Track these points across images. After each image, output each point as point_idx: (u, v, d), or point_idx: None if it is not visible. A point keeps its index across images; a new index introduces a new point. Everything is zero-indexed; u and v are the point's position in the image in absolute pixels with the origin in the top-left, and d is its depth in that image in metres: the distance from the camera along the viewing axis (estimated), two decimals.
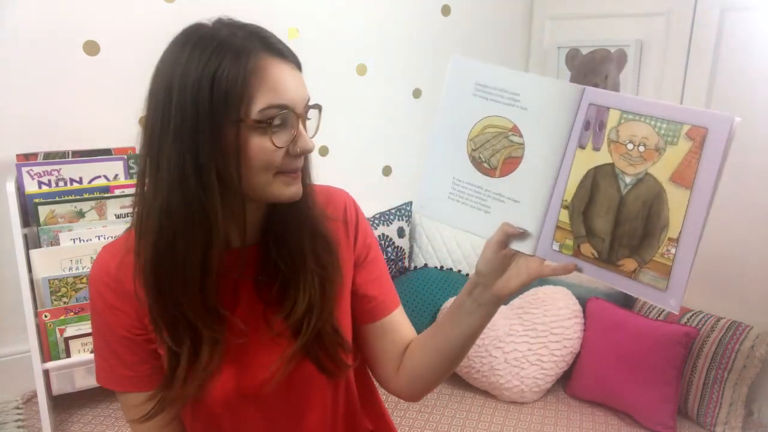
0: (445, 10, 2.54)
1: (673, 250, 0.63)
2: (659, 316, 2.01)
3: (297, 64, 0.73)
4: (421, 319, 2.13)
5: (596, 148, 0.67)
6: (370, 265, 0.89)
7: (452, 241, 2.41)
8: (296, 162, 0.73)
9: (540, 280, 2.24)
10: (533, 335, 2.03)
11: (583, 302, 2.11)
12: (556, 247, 0.71)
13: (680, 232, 0.62)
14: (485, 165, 0.74)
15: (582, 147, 0.68)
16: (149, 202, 0.71)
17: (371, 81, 2.45)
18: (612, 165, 0.66)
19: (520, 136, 0.72)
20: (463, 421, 1.95)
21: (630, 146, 0.65)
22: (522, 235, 0.72)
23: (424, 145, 2.56)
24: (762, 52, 1.85)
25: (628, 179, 0.65)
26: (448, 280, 2.27)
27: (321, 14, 2.28)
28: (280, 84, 0.69)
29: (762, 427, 1.89)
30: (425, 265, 2.43)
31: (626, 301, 2.13)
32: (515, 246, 0.73)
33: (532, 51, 2.73)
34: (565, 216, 0.69)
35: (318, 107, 0.76)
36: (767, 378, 1.88)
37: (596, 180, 0.67)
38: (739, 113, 0.60)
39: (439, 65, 2.57)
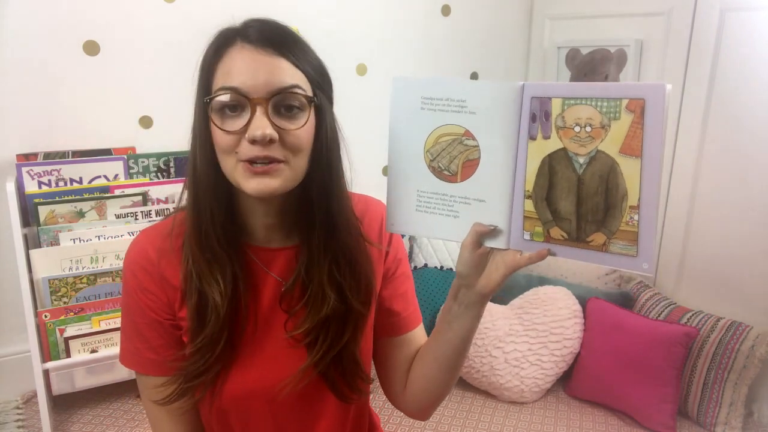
0: (445, 10, 2.54)
1: (636, 217, 0.66)
2: (659, 316, 2.01)
3: (276, 51, 0.70)
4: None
5: (546, 137, 0.70)
6: (397, 279, 0.89)
7: (452, 241, 2.41)
8: (252, 150, 0.69)
9: (540, 279, 2.24)
10: (533, 335, 2.03)
11: (583, 302, 2.11)
12: (527, 236, 0.73)
13: (639, 199, 0.65)
14: (446, 172, 0.77)
15: (533, 138, 0.71)
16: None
17: (371, 81, 2.45)
18: (564, 149, 0.69)
19: (474, 139, 0.74)
20: (463, 421, 1.95)
21: (577, 129, 0.68)
22: (493, 231, 0.75)
23: None
24: (762, 52, 1.85)
25: (581, 159, 0.68)
26: (448, 280, 2.27)
27: (321, 14, 2.28)
28: (233, 67, 0.69)
29: (762, 427, 1.89)
30: (425, 265, 2.43)
31: (626, 301, 2.13)
32: (489, 243, 0.75)
33: (532, 51, 2.73)
34: (530, 205, 0.72)
35: (306, 101, 0.72)
36: (767, 378, 1.88)
37: (552, 166, 0.70)
38: (738, 113, 0.61)
39: (439, 65, 2.57)
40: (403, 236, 0.95)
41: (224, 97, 0.69)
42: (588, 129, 0.67)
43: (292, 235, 0.81)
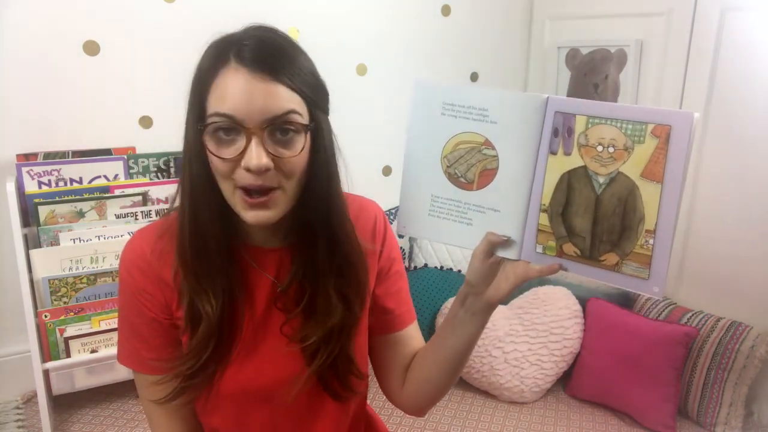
0: (445, 10, 2.54)
1: (651, 241, 0.67)
2: (659, 316, 2.01)
3: (272, 75, 0.68)
4: (421, 319, 2.13)
5: (567, 153, 0.70)
6: (392, 278, 0.89)
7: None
8: (247, 177, 0.68)
9: (540, 280, 2.24)
10: (533, 335, 2.03)
11: (583, 302, 2.11)
12: (539, 249, 0.73)
13: (656, 224, 0.66)
14: (462, 180, 0.77)
15: (553, 153, 0.71)
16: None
17: (371, 81, 2.45)
18: (584, 167, 0.69)
19: (493, 148, 0.74)
20: (463, 421, 1.95)
21: (600, 148, 0.68)
22: (506, 242, 0.75)
23: None
24: (762, 52, 1.85)
25: (601, 179, 0.69)
26: (448, 280, 2.27)
27: (321, 14, 2.28)
28: (227, 93, 0.67)
29: (762, 427, 1.89)
30: (425, 265, 2.43)
31: (626, 301, 2.13)
32: (501, 253, 0.75)
33: (532, 51, 2.73)
34: (545, 219, 0.72)
35: (302, 126, 0.70)
36: (767, 378, 1.88)
37: (571, 183, 0.70)
38: (738, 113, 0.61)
39: (439, 65, 2.57)
40: (401, 236, 0.95)
41: (219, 124, 0.68)
42: (611, 150, 0.67)
43: (288, 236, 0.81)
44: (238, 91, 0.67)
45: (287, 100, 0.69)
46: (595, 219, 0.69)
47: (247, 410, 0.82)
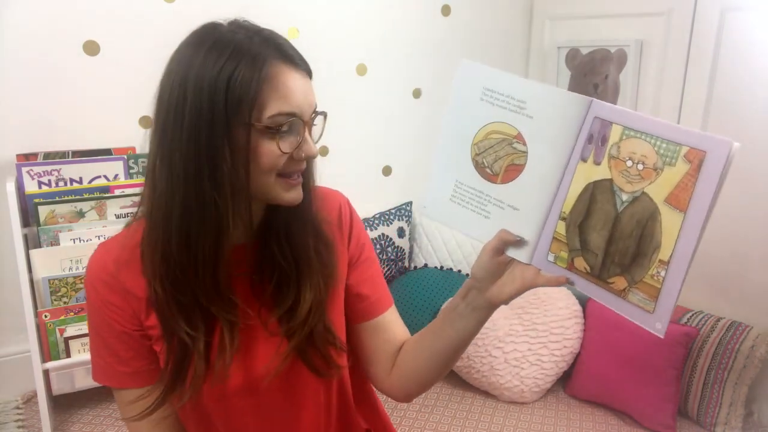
0: (445, 10, 2.54)
1: (663, 273, 0.63)
2: None
3: (308, 72, 0.75)
4: (421, 319, 2.13)
5: (597, 162, 0.67)
6: (363, 264, 0.90)
7: (452, 241, 2.41)
8: (298, 165, 0.75)
9: None
10: (533, 335, 2.03)
11: (583, 302, 2.11)
12: (551, 258, 0.71)
13: (671, 256, 0.62)
14: (488, 170, 0.75)
15: (584, 160, 0.68)
16: (162, 198, 0.72)
17: (371, 81, 2.45)
18: (610, 181, 0.66)
19: (524, 144, 0.72)
20: (463, 421, 1.95)
21: (629, 163, 0.65)
22: (519, 242, 0.72)
23: (424, 145, 2.56)
24: (762, 52, 1.85)
25: (624, 196, 0.65)
26: (448, 280, 2.27)
27: (321, 14, 2.28)
28: (290, 92, 0.71)
29: (762, 427, 1.89)
30: (425, 265, 2.43)
31: None
32: (511, 253, 0.73)
33: (532, 51, 2.73)
34: (562, 228, 0.70)
35: (324, 114, 0.77)
36: (767, 378, 1.88)
37: (594, 194, 0.67)
38: (738, 113, 0.60)
39: (439, 65, 2.57)
40: (403, 235, 0.95)
41: (287, 123, 0.71)
42: (640, 167, 0.63)
43: (259, 227, 0.81)
44: (296, 89, 0.72)
45: (313, 93, 0.76)
46: (610, 237, 0.66)
47: (234, 410, 0.82)
